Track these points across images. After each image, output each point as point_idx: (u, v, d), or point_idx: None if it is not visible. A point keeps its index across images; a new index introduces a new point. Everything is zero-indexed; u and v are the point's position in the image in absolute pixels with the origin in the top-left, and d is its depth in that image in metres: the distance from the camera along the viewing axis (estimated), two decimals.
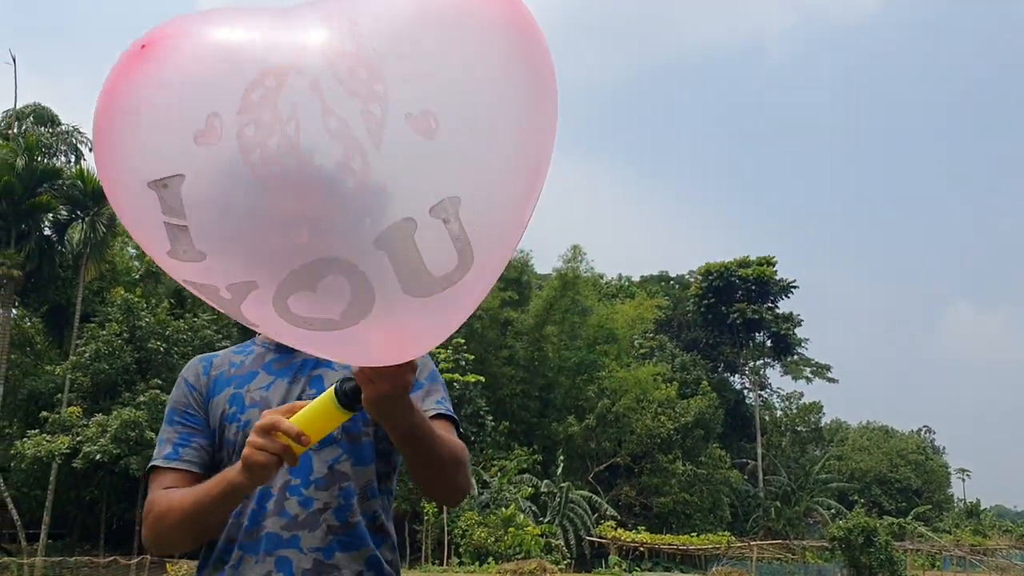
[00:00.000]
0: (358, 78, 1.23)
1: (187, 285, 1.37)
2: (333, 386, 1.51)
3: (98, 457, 27.63)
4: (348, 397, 1.49)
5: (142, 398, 28.85)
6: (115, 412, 28.47)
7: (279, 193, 1.24)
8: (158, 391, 28.86)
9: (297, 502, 1.76)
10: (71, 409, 29.93)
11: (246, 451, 1.50)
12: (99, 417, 28.62)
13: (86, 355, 30.46)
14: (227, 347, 2.05)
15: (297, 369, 1.88)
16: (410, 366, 1.45)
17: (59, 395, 31.02)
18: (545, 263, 69.21)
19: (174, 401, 1.90)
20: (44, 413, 30.20)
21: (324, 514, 1.76)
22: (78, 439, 28.34)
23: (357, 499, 1.81)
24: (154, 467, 1.84)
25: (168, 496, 1.75)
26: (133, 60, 1.29)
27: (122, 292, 32.06)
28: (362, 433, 1.86)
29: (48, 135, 35.82)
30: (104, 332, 30.78)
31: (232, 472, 1.58)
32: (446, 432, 1.79)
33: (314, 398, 1.75)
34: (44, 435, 28.78)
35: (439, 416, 1.84)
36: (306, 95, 1.22)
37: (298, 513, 1.76)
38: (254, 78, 1.23)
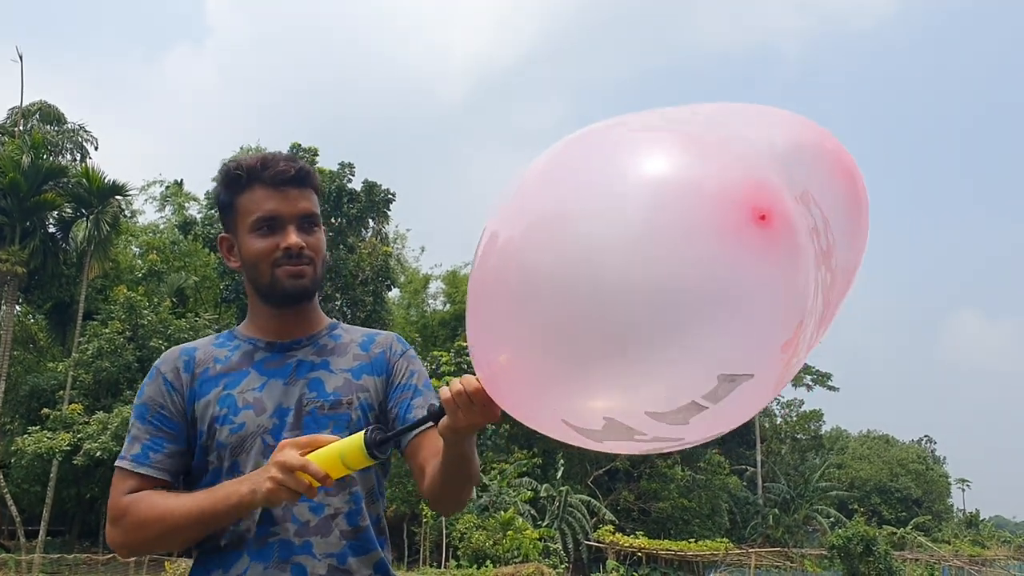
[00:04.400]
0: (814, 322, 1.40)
1: (607, 420, 1.35)
2: (362, 433, 1.50)
3: (99, 454, 27.66)
4: (378, 447, 1.50)
5: None
6: (116, 410, 28.52)
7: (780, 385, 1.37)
8: None
9: (308, 508, 1.72)
10: (73, 406, 29.98)
11: (270, 486, 1.48)
12: (100, 415, 28.67)
13: (88, 353, 30.53)
14: None
15: (293, 370, 1.81)
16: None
17: (61, 392, 31.08)
18: None
19: (148, 397, 1.79)
20: (45, 410, 30.27)
21: (336, 519, 1.73)
22: (79, 436, 28.38)
23: (364, 502, 1.78)
24: (120, 467, 1.75)
25: (149, 502, 1.67)
26: (746, 231, 1.21)
27: (125, 290, 32.14)
28: None
29: (54, 133, 35.98)
30: (106, 330, 30.85)
31: (243, 491, 1.55)
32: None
33: (313, 401, 1.77)
34: (45, 432, 28.83)
35: None
36: (808, 337, 1.36)
37: (310, 519, 1.71)
38: (810, 304, 1.30)
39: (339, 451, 1.50)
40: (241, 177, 1.79)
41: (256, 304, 1.88)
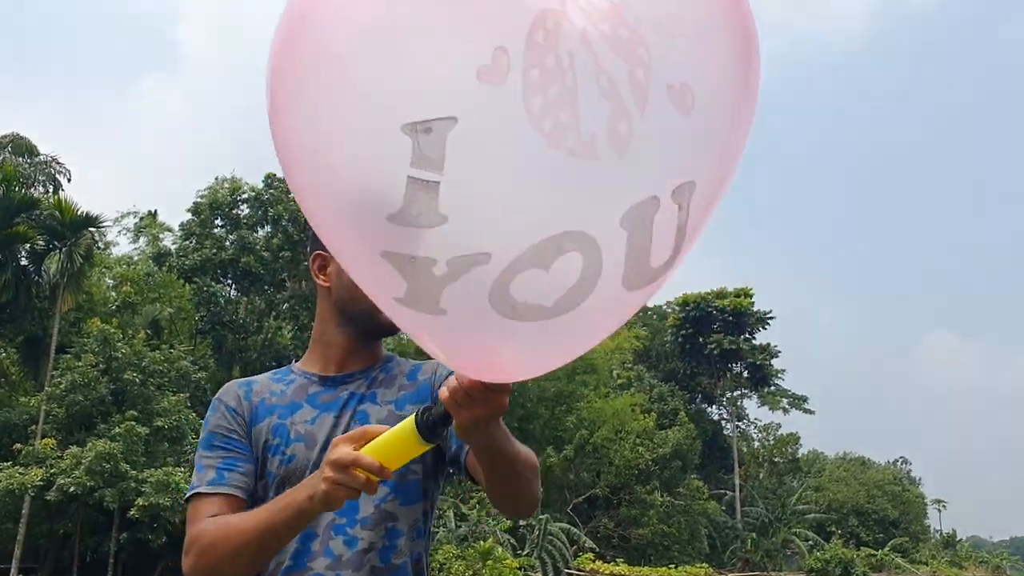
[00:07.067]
0: (620, 38, 1.11)
1: (387, 256, 1.16)
2: (413, 416, 1.42)
3: (72, 489, 27.30)
4: (431, 430, 1.40)
5: (117, 430, 28.57)
6: (90, 444, 28.16)
7: (551, 149, 1.08)
8: (133, 423, 28.62)
9: (342, 541, 1.71)
10: (45, 441, 29.58)
11: (324, 487, 1.41)
12: (74, 449, 28.29)
13: (61, 386, 30.16)
14: (203, 378, 1.99)
15: (343, 404, 1.82)
16: (507, 388, 1.34)
17: (33, 427, 30.64)
18: None
19: (214, 425, 1.80)
20: (18, 445, 29.82)
21: (369, 554, 1.71)
22: (52, 471, 28.01)
23: (404, 539, 1.76)
24: (196, 494, 1.72)
25: (217, 523, 1.63)
26: None
27: (98, 323, 31.84)
28: (410, 471, 1.79)
29: (26, 165, 35.77)
30: (80, 363, 30.52)
31: (300, 498, 1.50)
32: None
33: None
34: (17, 467, 28.43)
35: None
36: (579, 46, 1.09)
37: (342, 553, 1.70)
38: (536, 16, 1.08)
39: (392, 440, 1.43)
40: None
41: (330, 330, 1.89)
